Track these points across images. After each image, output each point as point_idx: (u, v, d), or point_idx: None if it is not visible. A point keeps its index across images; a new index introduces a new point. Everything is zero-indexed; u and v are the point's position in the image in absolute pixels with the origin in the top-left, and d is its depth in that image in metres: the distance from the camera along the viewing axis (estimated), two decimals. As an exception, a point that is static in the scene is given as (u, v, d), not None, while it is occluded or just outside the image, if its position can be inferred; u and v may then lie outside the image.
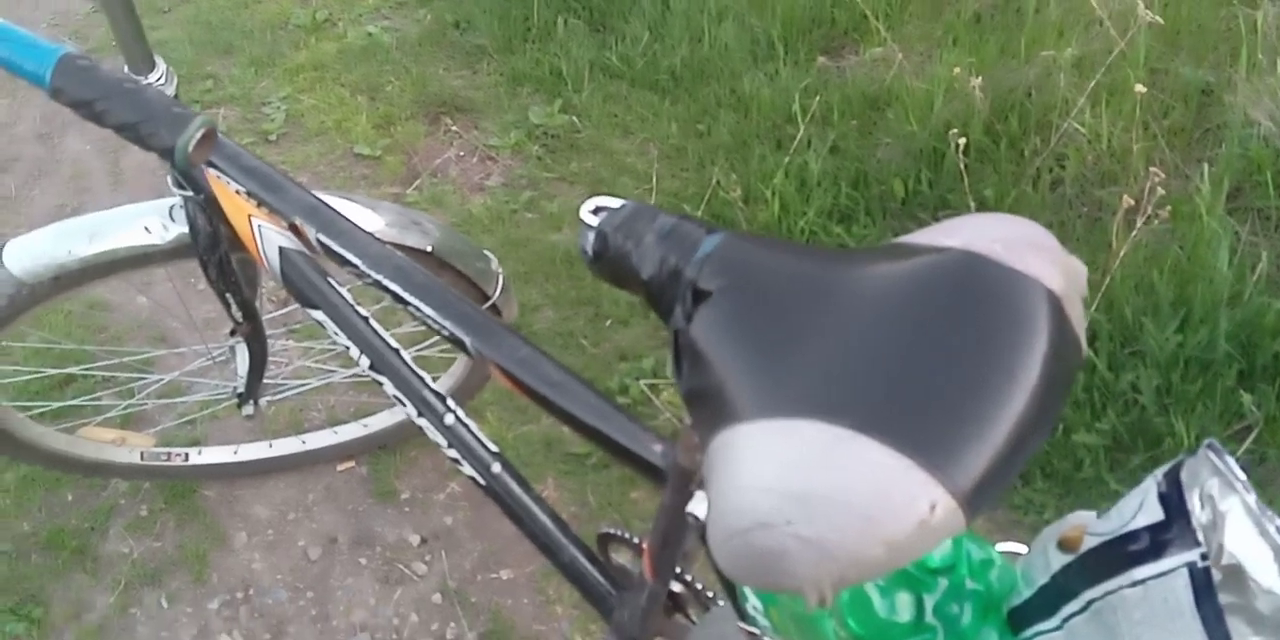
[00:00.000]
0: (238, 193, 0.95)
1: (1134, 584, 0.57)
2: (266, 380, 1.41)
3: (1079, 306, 0.57)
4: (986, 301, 0.55)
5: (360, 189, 2.19)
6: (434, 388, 0.95)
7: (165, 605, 1.48)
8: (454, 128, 2.34)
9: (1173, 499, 0.55)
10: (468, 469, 0.94)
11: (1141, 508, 0.57)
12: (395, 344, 0.96)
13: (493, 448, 0.95)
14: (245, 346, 1.32)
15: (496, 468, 0.94)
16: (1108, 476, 1.46)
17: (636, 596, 0.89)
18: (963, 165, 1.77)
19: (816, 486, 0.49)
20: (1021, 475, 1.48)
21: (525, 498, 0.95)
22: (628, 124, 2.28)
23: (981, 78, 1.87)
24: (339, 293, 0.97)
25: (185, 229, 1.08)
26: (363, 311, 0.97)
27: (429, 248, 1.18)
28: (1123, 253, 1.58)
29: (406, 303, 0.86)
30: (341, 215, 0.93)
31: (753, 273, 0.60)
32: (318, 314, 0.97)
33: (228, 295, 1.18)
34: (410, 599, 1.48)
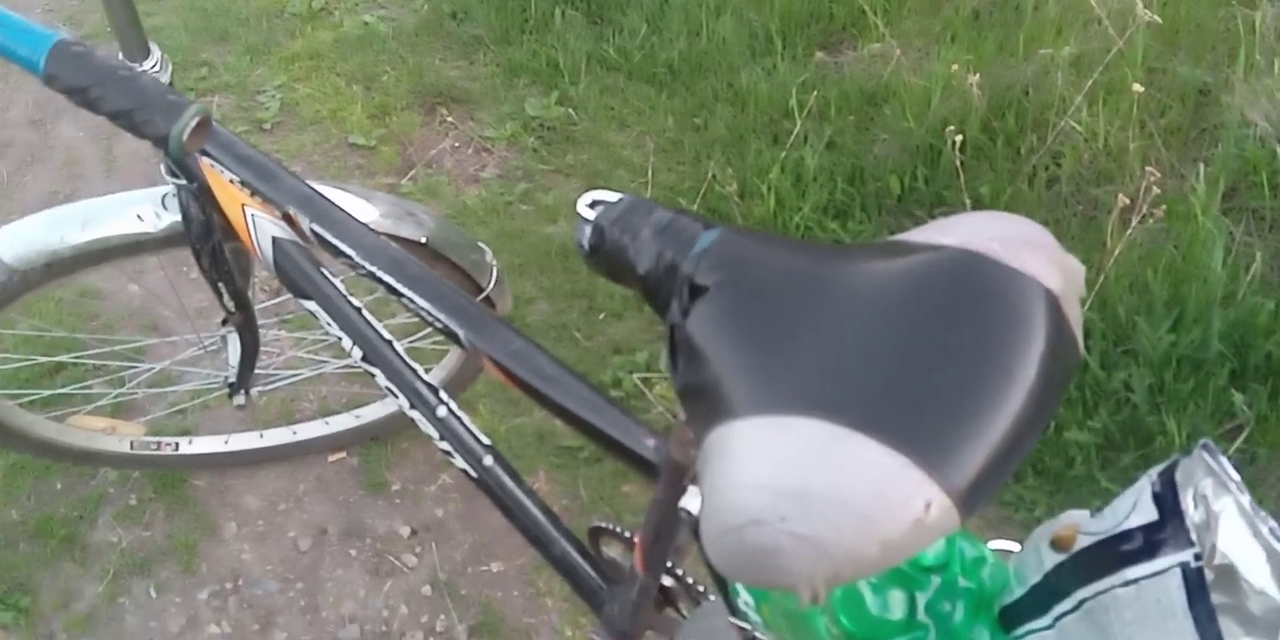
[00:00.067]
0: (231, 182, 0.95)
1: (1127, 583, 0.57)
2: (258, 370, 1.41)
3: (1076, 305, 0.57)
4: (984, 300, 0.55)
5: (355, 179, 2.18)
6: (426, 380, 0.95)
7: (154, 595, 1.48)
8: (450, 118, 2.33)
9: (1167, 499, 0.55)
10: (459, 461, 0.94)
11: (1135, 507, 0.57)
12: (388, 335, 0.96)
13: (485, 440, 0.95)
14: (237, 336, 1.32)
15: (488, 460, 0.94)
16: (1099, 474, 1.47)
17: (627, 590, 0.89)
18: (959, 162, 1.77)
19: (812, 484, 0.49)
20: (1013, 472, 1.48)
21: (517, 490, 0.95)
22: (624, 117, 2.27)
23: (979, 75, 1.87)
24: (332, 283, 0.96)
25: (178, 217, 1.08)
26: (356, 302, 0.96)
27: (423, 239, 1.18)
28: (1117, 251, 1.59)
29: (400, 294, 0.86)
30: (336, 205, 0.92)
31: (750, 268, 0.59)
32: (310, 304, 0.96)
33: (220, 284, 1.18)
34: (400, 591, 1.48)
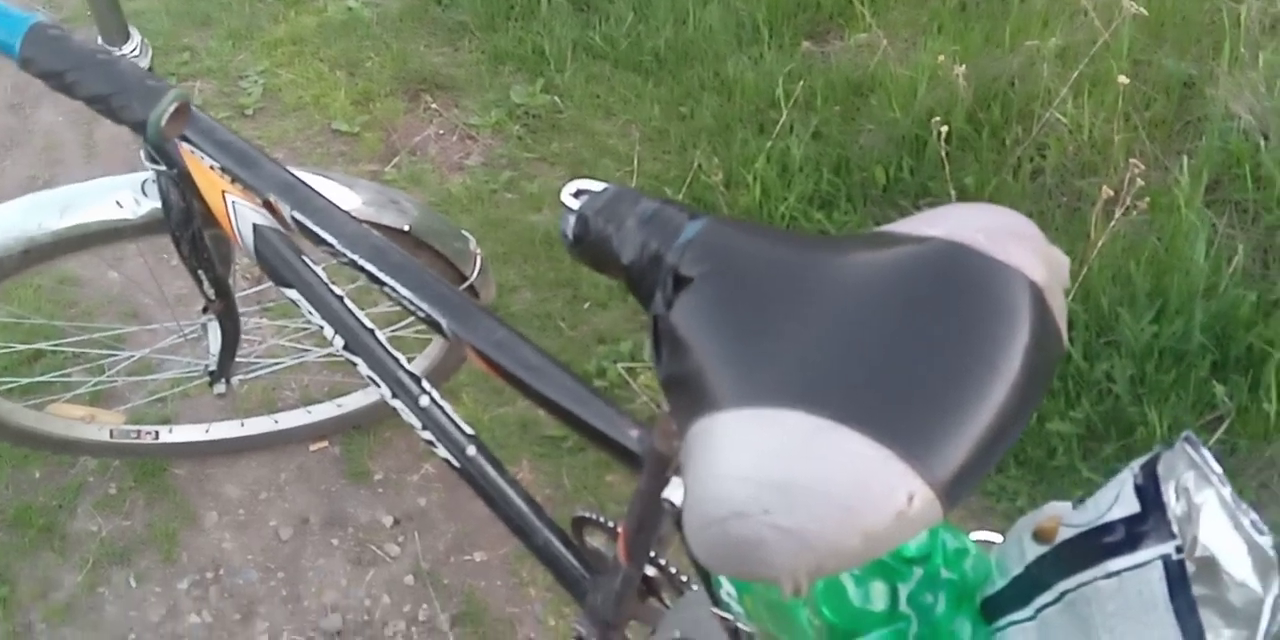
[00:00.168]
0: (212, 168, 0.94)
1: (1108, 576, 0.57)
2: (239, 358, 1.40)
3: (1061, 297, 0.57)
4: (969, 291, 0.54)
5: (337, 166, 2.17)
6: (409, 369, 0.95)
7: (134, 584, 1.47)
8: (434, 105, 2.32)
9: (1149, 491, 0.56)
10: (442, 451, 0.94)
11: (1117, 500, 0.57)
12: (370, 324, 0.95)
13: (468, 430, 0.95)
14: (218, 324, 1.31)
15: (471, 450, 0.94)
16: (1080, 465, 1.47)
17: (610, 580, 0.89)
18: (944, 153, 1.77)
19: (795, 476, 0.49)
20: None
21: (500, 480, 0.95)
22: (610, 105, 2.26)
23: (965, 66, 1.87)
24: (313, 271, 0.95)
25: (158, 204, 1.07)
26: (337, 291, 0.95)
27: (406, 227, 1.17)
28: (1101, 243, 1.59)
29: (382, 283, 0.85)
30: (317, 192, 0.92)
31: (735, 259, 0.59)
32: (291, 292, 0.95)
33: (200, 272, 1.17)
34: (382, 580, 1.47)
